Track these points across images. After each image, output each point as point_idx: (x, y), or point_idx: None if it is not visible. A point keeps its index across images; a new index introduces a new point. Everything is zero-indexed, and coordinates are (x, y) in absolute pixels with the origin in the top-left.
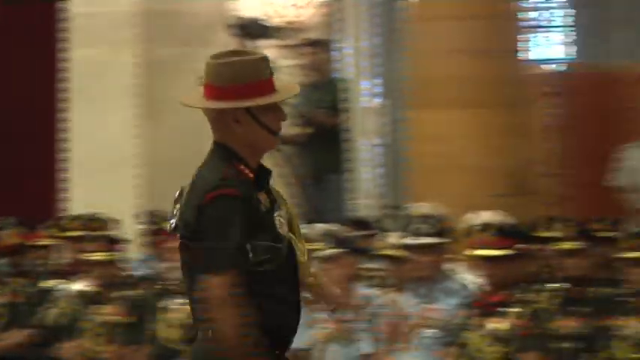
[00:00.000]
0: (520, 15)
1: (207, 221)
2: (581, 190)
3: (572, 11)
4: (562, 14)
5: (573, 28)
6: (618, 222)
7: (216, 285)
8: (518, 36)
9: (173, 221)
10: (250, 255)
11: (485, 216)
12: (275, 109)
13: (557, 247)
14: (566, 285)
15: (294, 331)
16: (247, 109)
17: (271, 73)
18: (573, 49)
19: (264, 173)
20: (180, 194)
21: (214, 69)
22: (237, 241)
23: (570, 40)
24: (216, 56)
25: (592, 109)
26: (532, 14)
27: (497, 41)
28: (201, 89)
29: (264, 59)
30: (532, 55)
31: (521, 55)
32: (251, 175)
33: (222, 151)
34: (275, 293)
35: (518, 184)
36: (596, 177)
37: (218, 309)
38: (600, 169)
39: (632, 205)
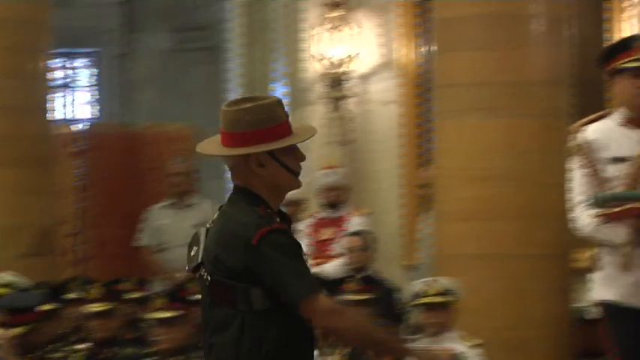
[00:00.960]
0: (48, 74)
1: (269, 257)
2: (109, 250)
3: (97, 71)
4: (88, 74)
5: (98, 88)
6: (145, 282)
7: (321, 301)
8: (46, 95)
9: (195, 260)
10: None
11: (4, 277)
12: (294, 151)
13: (84, 308)
14: (91, 345)
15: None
16: (270, 153)
17: (287, 116)
18: (99, 109)
19: (285, 217)
20: (198, 236)
21: (232, 116)
22: (305, 267)
23: (95, 99)
24: (231, 103)
25: (119, 169)
26: (58, 73)
27: (24, 99)
28: (218, 138)
29: (279, 102)
30: (59, 114)
31: (49, 114)
32: (277, 219)
33: (247, 196)
34: (303, 328)
35: (43, 244)
36: (124, 236)
37: (340, 316)
38: (128, 229)
39: (159, 265)
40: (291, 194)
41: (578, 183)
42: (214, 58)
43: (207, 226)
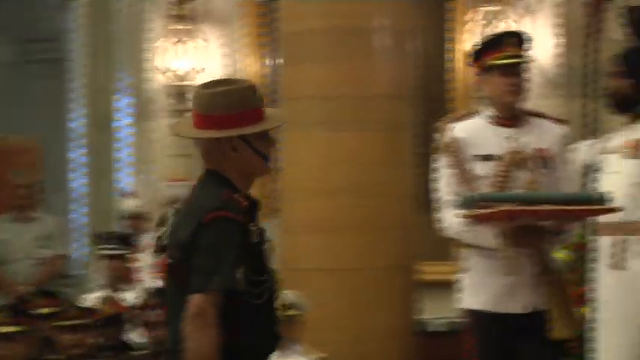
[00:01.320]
0: None
1: (204, 240)
2: None
3: None
4: None
5: None
6: None
7: (201, 303)
8: None
9: (160, 242)
10: (239, 282)
11: None
12: (266, 136)
13: None
14: None
15: (267, 356)
16: (243, 138)
17: (261, 101)
18: None
19: (254, 204)
20: (166, 218)
21: (207, 99)
22: (231, 263)
23: None
24: (206, 85)
25: None
26: None
27: None
28: (189, 118)
29: (254, 87)
30: None
31: None
32: (245, 204)
33: (217, 178)
34: (255, 319)
35: None
36: None
37: (199, 326)
38: None
39: (0, 279)
40: (133, 208)
41: (444, 182)
42: (59, 70)
43: (177, 207)
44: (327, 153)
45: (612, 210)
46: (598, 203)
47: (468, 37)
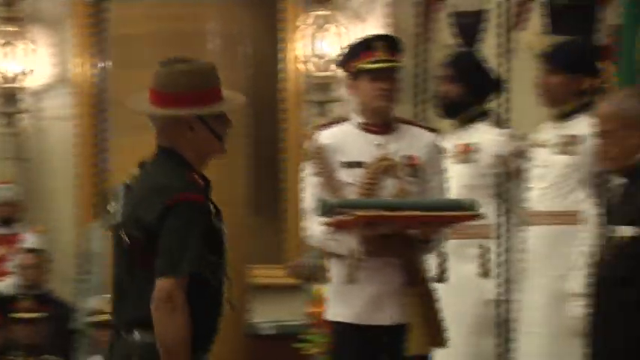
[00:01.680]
0: None
1: (172, 223)
2: None
3: None
4: None
5: None
6: None
7: (170, 287)
8: None
9: (114, 217)
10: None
11: None
12: (223, 117)
13: None
14: None
15: (214, 338)
16: (201, 117)
17: (219, 81)
18: None
19: (207, 184)
20: (116, 192)
21: (167, 76)
22: (199, 246)
23: None
24: (165, 63)
25: None
26: None
27: None
28: (146, 95)
29: (213, 67)
30: None
31: None
32: (202, 184)
33: (174, 158)
34: (209, 302)
35: None
36: None
37: (168, 311)
38: None
39: None
40: None
41: (310, 190)
42: None
43: (126, 182)
44: None
45: (478, 217)
46: (467, 210)
47: (300, 40)
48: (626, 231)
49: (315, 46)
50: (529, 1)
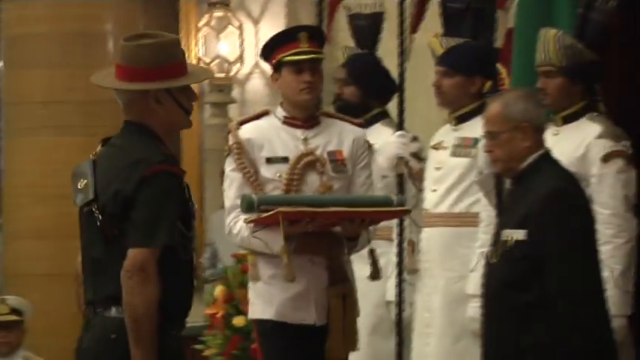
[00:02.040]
0: None
1: (147, 194)
2: None
3: None
4: None
5: None
6: None
7: (143, 258)
8: None
9: (85, 194)
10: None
11: None
12: (188, 90)
13: None
14: None
15: (187, 314)
16: (168, 90)
17: (184, 55)
18: None
19: (174, 158)
20: (82, 169)
21: (132, 51)
22: (174, 218)
23: None
24: (130, 38)
25: None
26: None
27: None
28: (111, 70)
29: (178, 41)
30: None
31: None
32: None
33: (144, 131)
34: (181, 276)
35: None
36: None
37: (140, 281)
38: None
39: None
40: None
41: (231, 186)
42: None
43: (91, 157)
44: (54, 158)
45: (405, 212)
46: (393, 205)
47: (200, 42)
48: (513, 234)
49: (214, 47)
50: (426, 3)
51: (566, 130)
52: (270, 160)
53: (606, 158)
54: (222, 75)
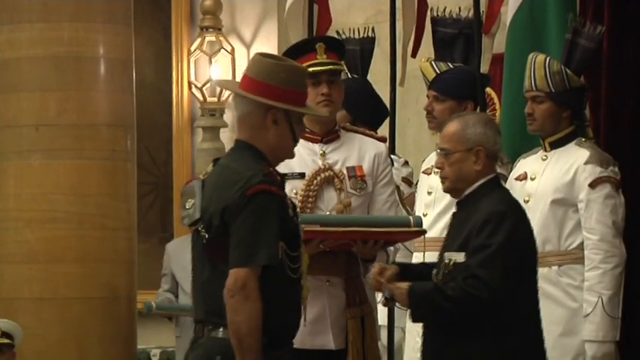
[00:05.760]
0: None
1: (248, 214)
2: None
3: None
4: None
5: None
6: None
7: (244, 277)
8: None
9: (191, 214)
10: (280, 257)
11: None
12: (301, 122)
13: None
14: None
15: (295, 335)
16: (287, 114)
17: (307, 86)
18: None
19: (283, 180)
20: (192, 189)
21: (267, 67)
22: (274, 237)
23: None
24: (266, 55)
25: None
26: None
27: None
28: (233, 80)
29: (306, 70)
30: None
31: None
32: (279, 179)
33: (252, 152)
34: (286, 296)
35: None
36: None
37: (242, 299)
38: None
39: None
40: None
41: None
42: None
43: (202, 177)
44: (45, 182)
45: (420, 233)
46: (410, 226)
47: (192, 66)
48: (453, 257)
49: (206, 71)
50: (419, 30)
51: (555, 155)
52: (286, 176)
53: (594, 184)
54: (214, 99)
